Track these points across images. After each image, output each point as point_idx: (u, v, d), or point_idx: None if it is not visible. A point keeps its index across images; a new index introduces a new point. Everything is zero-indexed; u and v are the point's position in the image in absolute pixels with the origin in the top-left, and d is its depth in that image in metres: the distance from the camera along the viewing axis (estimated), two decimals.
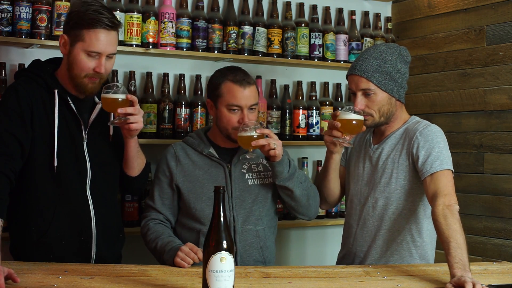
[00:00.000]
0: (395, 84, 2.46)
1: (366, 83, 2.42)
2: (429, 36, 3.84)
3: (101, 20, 2.28)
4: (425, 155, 2.38)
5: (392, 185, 2.47)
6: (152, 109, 3.23)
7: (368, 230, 2.52)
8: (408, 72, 2.53)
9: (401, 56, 2.50)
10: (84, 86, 2.33)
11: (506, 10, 3.38)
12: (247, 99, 2.48)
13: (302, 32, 3.62)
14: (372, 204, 2.51)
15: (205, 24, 3.37)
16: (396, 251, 2.49)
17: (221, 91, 2.51)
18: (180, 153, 2.59)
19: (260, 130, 2.37)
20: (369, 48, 2.53)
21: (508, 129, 3.35)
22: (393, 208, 2.48)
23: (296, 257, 2.73)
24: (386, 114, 2.47)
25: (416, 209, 2.47)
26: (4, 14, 2.92)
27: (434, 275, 2.28)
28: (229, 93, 2.48)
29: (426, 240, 2.50)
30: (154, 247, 2.44)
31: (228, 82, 2.50)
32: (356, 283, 2.15)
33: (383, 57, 2.45)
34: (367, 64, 2.43)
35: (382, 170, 2.50)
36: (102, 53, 2.30)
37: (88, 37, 2.28)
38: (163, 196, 2.58)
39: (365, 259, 2.52)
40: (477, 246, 3.47)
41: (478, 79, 3.52)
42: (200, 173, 2.55)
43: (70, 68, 2.33)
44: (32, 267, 2.18)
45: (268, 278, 2.19)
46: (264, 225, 2.56)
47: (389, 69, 2.44)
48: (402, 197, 2.47)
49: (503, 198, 3.36)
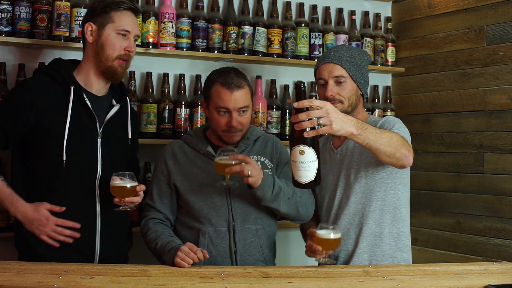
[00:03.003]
0: (363, 77, 2.57)
1: (340, 70, 2.51)
2: (429, 36, 3.84)
3: (127, 3, 2.45)
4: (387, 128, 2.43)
5: (362, 179, 2.50)
6: (152, 109, 3.23)
7: (346, 229, 2.54)
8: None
9: (366, 55, 2.62)
10: (114, 69, 2.44)
11: (506, 10, 3.38)
12: (235, 102, 2.46)
13: (302, 32, 3.62)
14: (345, 201, 2.53)
15: (205, 24, 3.37)
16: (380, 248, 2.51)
17: (211, 93, 2.51)
18: (177, 151, 2.59)
19: (233, 157, 2.32)
20: (337, 45, 2.68)
21: (508, 129, 3.35)
22: (368, 202, 2.50)
23: (296, 257, 2.72)
24: (353, 104, 2.54)
25: (390, 199, 2.51)
26: (4, 14, 2.92)
27: (434, 275, 2.28)
28: (217, 95, 2.48)
29: (404, 230, 2.55)
30: (154, 247, 2.44)
31: (217, 84, 2.49)
32: (356, 283, 2.15)
33: (352, 51, 2.57)
34: (339, 54, 2.53)
35: (350, 167, 2.53)
36: (131, 32, 2.44)
37: (118, 18, 2.42)
38: (161, 195, 2.58)
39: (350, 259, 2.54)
40: (477, 246, 3.47)
41: (478, 79, 3.52)
42: (198, 172, 2.54)
43: (101, 51, 2.43)
44: (32, 267, 2.18)
45: (268, 278, 2.19)
46: (263, 223, 2.55)
47: (358, 62, 2.55)
48: (374, 189, 2.50)
49: (503, 198, 3.36)
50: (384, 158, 2.26)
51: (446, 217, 3.66)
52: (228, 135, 2.49)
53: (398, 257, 2.53)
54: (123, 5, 2.44)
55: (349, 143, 2.56)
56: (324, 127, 2.05)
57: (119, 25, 2.42)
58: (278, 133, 3.52)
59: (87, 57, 2.48)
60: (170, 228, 2.56)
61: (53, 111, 2.39)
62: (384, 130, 2.27)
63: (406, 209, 2.57)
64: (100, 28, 2.43)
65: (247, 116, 2.52)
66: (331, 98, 2.48)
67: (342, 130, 2.08)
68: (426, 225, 3.75)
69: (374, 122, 2.52)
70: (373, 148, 2.20)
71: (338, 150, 2.59)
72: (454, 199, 3.61)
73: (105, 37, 2.42)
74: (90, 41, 2.45)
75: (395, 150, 2.24)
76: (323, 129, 2.05)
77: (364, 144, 2.18)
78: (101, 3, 2.45)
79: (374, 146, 2.19)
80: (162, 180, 2.58)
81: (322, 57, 2.59)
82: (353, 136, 2.14)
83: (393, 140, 2.23)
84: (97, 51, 2.44)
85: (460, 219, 3.58)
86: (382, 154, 2.23)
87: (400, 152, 2.25)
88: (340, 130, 2.08)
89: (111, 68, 2.43)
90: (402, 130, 2.45)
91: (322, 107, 2.04)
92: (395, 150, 2.24)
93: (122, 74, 2.47)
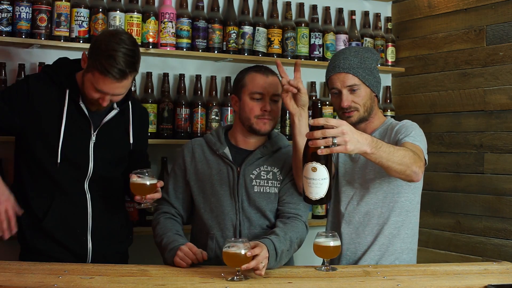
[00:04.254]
0: (374, 80, 2.56)
1: (352, 79, 2.50)
2: (429, 36, 3.83)
3: (112, 68, 2.27)
4: (403, 135, 2.44)
5: (377, 180, 2.51)
6: (152, 109, 3.23)
7: (356, 228, 2.54)
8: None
9: (373, 54, 2.61)
10: (92, 104, 2.42)
11: (506, 10, 3.38)
12: (269, 87, 2.51)
13: (302, 32, 3.62)
14: (357, 201, 2.54)
15: (205, 24, 3.37)
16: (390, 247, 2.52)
17: (244, 81, 2.55)
18: (197, 149, 2.60)
19: (250, 252, 2.12)
20: (344, 49, 2.63)
21: (508, 129, 3.35)
22: (381, 203, 2.51)
23: (296, 257, 2.72)
24: (369, 108, 2.54)
25: (404, 202, 2.52)
26: (4, 14, 2.92)
27: (434, 275, 2.28)
28: (252, 81, 2.53)
29: (414, 233, 2.58)
30: (159, 242, 2.45)
31: (251, 72, 2.56)
32: (356, 283, 2.15)
33: (361, 54, 2.55)
34: (349, 62, 2.51)
35: (365, 167, 2.53)
36: (107, 93, 2.34)
37: (96, 77, 2.31)
38: (177, 189, 2.59)
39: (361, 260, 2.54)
40: (477, 246, 3.47)
41: (478, 79, 3.51)
42: (212, 173, 2.54)
43: (81, 85, 2.40)
44: (32, 267, 2.18)
45: (268, 278, 2.19)
46: (268, 230, 2.52)
47: (368, 65, 2.54)
48: (388, 191, 2.50)
49: (503, 198, 3.36)
50: (393, 174, 2.29)
51: (446, 217, 3.66)
52: (261, 122, 2.51)
53: (405, 259, 2.54)
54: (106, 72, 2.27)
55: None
56: (338, 147, 2.05)
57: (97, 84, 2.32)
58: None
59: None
60: (180, 225, 2.56)
61: (48, 111, 2.41)
62: (398, 148, 2.27)
63: (416, 212, 2.59)
64: (86, 67, 2.37)
65: (278, 106, 2.56)
66: (347, 108, 2.49)
67: (356, 149, 2.09)
68: (426, 225, 3.74)
69: (391, 126, 2.52)
70: (384, 165, 2.23)
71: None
72: (454, 199, 3.61)
73: (84, 81, 2.37)
74: (82, 66, 2.40)
75: (405, 167, 2.25)
76: (337, 148, 2.05)
77: (376, 162, 2.20)
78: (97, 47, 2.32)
79: (386, 164, 2.21)
80: (179, 175, 2.59)
81: (332, 66, 2.55)
82: (366, 155, 2.16)
83: (405, 158, 2.24)
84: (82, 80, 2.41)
85: (460, 219, 3.58)
86: (393, 171, 2.26)
87: (411, 170, 2.26)
88: (354, 150, 2.09)
89: (91, 102, 2.41)
90: (419, 138, 2.44)
91: (338, 127, 2.04)
92: (405, 168, 2.25)
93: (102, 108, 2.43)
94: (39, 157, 2.42)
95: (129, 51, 2.30)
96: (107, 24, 3.12)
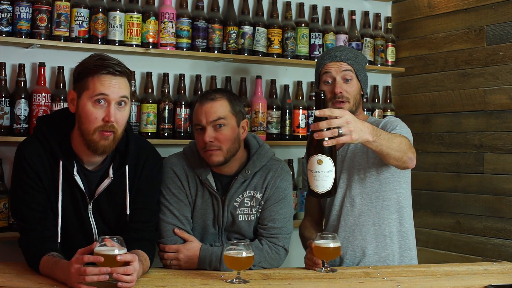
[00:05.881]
0: (365, 78, 2.60)
1: (348, 68, 2.53)
2: (429, 36, 3.83)
3: (106, 65, 2.13)
4: (390, 129, 2.44)
5: (367, 180, 2.51)
6: (152, 109, 3.23)
7: (351, 230, 2.54)
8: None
9: (364, 57, 2.66)
10: (96, 143, 2.14)
11: (506, 10, 3.38)
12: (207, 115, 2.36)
13: (302, 32, 3.62)
14: (349, 203, 2.53)
15: (205, 24, 3.36)
16: (390, 247, 2.52)
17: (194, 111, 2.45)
18: (180, 173, 2.44)
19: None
20: (339, 45, 2.70)
21: (508, 129, 3.35)
22: (374, 202, 2.51)
23: (296, 258, 2.72)
24: (357, 103, 2.56)
25: (395, 198, 2.52)
26: (4, 14, 2.92)
27: (434, 276, 2.28)
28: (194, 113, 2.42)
29: (410, 229, 2.57)
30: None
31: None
32: (356, 284, 2.15)
33: (355, 52, 2.61)
34: (345, 53, 2.55)
35: (352, 168, 2.53)
36: (108, 96, 2.12)
37: (92, 83, 2.12)
38: (184, 213, 2.43)
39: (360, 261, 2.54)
40: (477, 246, 3.47)
41: (478, 79, 3.51)
42: (200, 202, 2.45)
43: (80, 123, 2.16)
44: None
45: (268, 279, 2.19)
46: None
47: (361, 63, 2.59)
48: (379, 190, 2.50)
49: (503, 198, 3.36)
50: (391, 161, 2.28)
51: (446, 217, 3.66)
52: (207, 154, 2.36)
53: (407, 256, 2.54)
54: (100, 69, 2.12)
55: (349, 144, 2.56)
56: (344, 137, 2.03)
57: (94, 90, 2.12)
58: (278, 133, 3.52)
59: (76, 124, 2.21)
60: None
61: (48, 184, 2.22)
62: (395, 134, 2.28)
63: (410, 208, 2.59)
64: (78, 97, 2.16)
65: (223, 131, 2.36)
66: (339, 95, 2.49)
67: (360, 138, 2.08)
68: (426, 225, 3.75)
69: (376, 123, 2.52)
70: (384, 153, 2.22)
71: (339, 151, 2.58)
72: (454, 199, 3.61)
73: (81, 108, 2.14)
74: (72, 111, 2.20)
75: (403, 154, 2.26)
76: (343, 138, 2.03)
77: (377, 150, 2.20)
78: (81, 66, 2.18)
79: (386, 151, 2.21)
80: (180, 195, 2.43)
81: (327, 56, 2.57)
82: (368, 143, 2.15)
83: (402, 144, 2.25)
84: (79, 121, 2.18)
85: (460, 219, 3.58)
86: (391, 159, 2.26)
87: (407, 156, 2.28)
88: (358, 139, 2.08)
89: (93, 142, 2.14)
90: (405, 130, 2.46)
91: (342, 116, 2.03)
92: (403, 154, 2.26)
93: (107, 148, 2.16)
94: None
95: (110, 57, 2.19)
96: (107, 24, 3.12)
